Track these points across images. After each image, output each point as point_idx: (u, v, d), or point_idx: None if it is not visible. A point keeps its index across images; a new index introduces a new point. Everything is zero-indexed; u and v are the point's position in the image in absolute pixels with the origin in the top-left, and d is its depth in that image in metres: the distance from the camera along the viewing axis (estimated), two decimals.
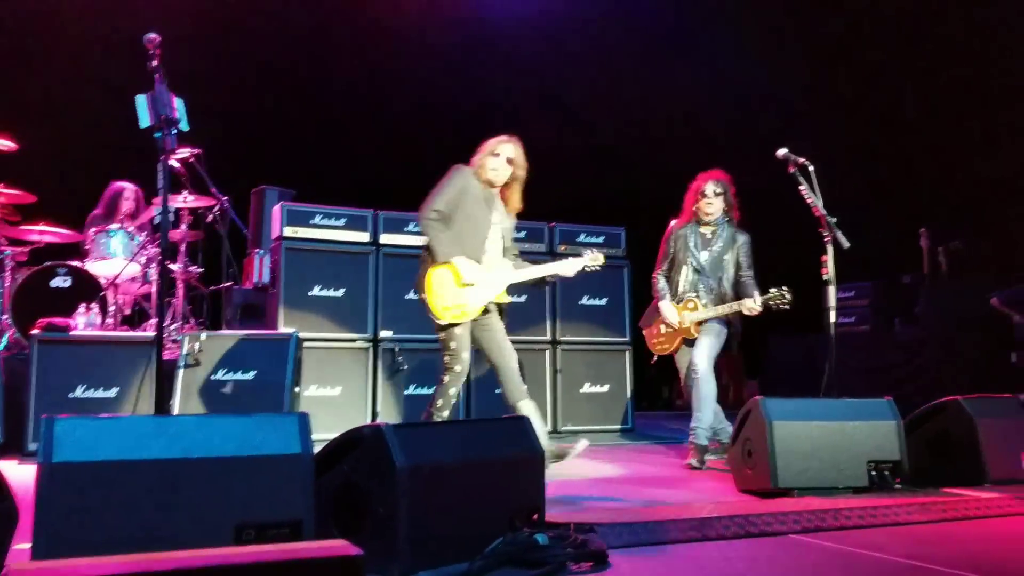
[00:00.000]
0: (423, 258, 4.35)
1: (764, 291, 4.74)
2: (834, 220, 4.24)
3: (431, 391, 6.19)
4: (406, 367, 6.15)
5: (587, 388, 6.68)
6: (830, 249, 4.23)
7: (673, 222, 5.12)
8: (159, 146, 2.77)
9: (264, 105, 8.26)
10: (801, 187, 4.31)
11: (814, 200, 4.29)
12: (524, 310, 6.49)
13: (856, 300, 7.93)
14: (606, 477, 4.53)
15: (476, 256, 4.29)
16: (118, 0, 7.19)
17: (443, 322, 4.24)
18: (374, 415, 6.03)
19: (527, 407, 4.12)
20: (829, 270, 4.23)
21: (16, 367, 5.11)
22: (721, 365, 5.07)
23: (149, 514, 1.93)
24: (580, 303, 6.77)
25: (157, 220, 2.91)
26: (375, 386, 6.08)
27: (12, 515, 2.09)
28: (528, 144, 4.47)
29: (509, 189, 4.47)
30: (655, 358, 5.21)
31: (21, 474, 4.32)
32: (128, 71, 3.44)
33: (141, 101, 3.10)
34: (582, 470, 4.66)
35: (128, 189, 6.66)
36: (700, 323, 4.90)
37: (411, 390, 6.19)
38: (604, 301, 6.82)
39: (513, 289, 4.56)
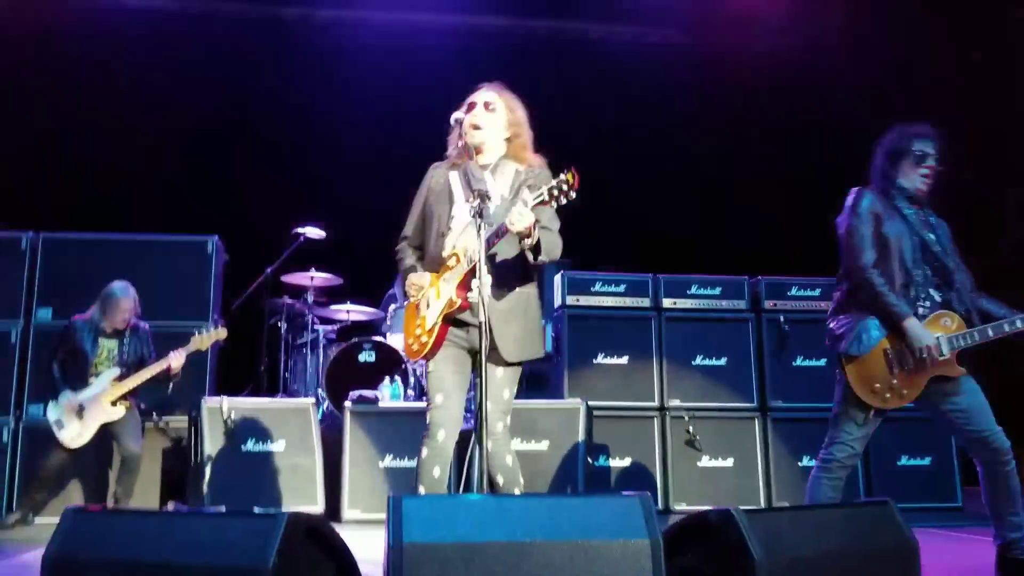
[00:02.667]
0: None
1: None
2: None
3: (726, 463, 5.94)
4: (699, 437, 5.83)
5: (706, 462, 5.88)
6: None
7: (855, 190, 3.54)
8: (476, 219, 2.77)
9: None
10: None
11: None
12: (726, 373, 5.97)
13: None
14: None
15: (436, 262, 3.23)
16: (408, 88, 7.68)
17: (410, 360, 3.50)
18: (666, 491, 5.75)
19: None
20: None
21: (330, 438, 5.42)
22: None
23: None
24: (794, 364, 6.07)
25: (475, 297, 2.88)
26: (665, 457, 5.81)
27: None
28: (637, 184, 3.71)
29: (513, 149, 3.31)
30: (871, 412, 3.41)
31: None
32: (418, 153, 3.52)
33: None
34: None
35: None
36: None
37: (704, 462, 5.84)
38: (824, 362, 6.01)
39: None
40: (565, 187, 2.91)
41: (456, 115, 3.22)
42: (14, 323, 5.57)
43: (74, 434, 5.03)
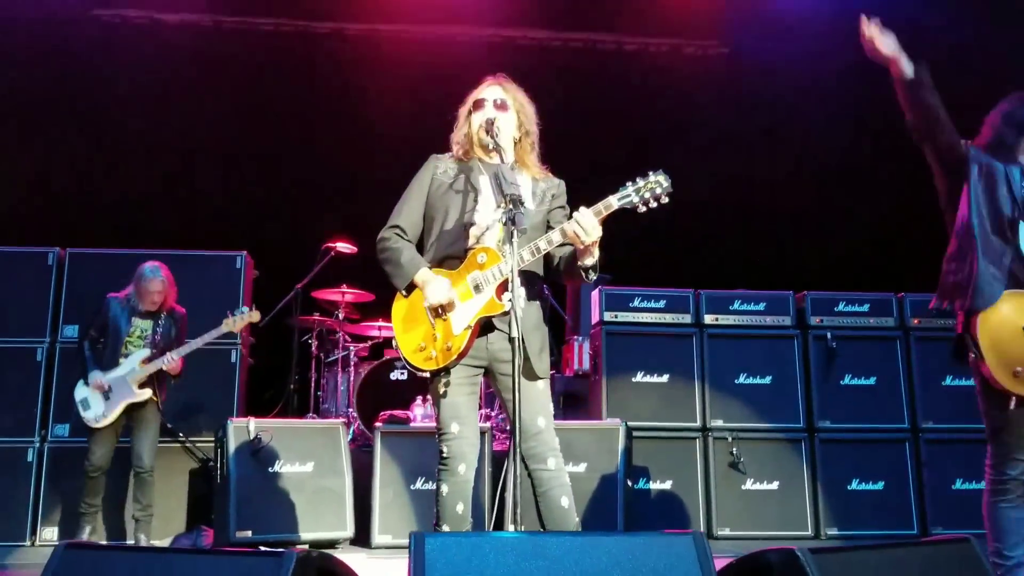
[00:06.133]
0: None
1: None
2: None
3: (772, 486, 5.66)
4: (743, 459, 5.57)
5: (750, 485, 5.59)
6: None
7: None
8: (508, 226, 2.57)
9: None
10: None
11: None
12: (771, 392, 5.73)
13: None
14: None
15: (452, 256, 2.97)
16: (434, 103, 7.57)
17: (420, 369, 2.93)
18: (708, 516, 5.51)
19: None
20: None
21: (361, 459, 5.25)
22: None
23: None
24: (842, 383, 5.78)
25: (508, 306, 2.69)
26: (708, 480, 5.57)
27: None
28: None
29: (519, 151, 3.09)
30: (1013, 402, 3.08)
31: (371, 570, 4.35)
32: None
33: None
34: None
35: None
36: None
37: (749, 485, 5.58)
38: (873, 380, 5.79)
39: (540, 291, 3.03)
40: (659, 190, 2.76)
41: (489, 118, 3.02)
42: (40, 341, 5.49)
43: (98, 414, 4.88)
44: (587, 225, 2.73)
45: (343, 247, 6.53)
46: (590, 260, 2.84)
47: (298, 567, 1.69)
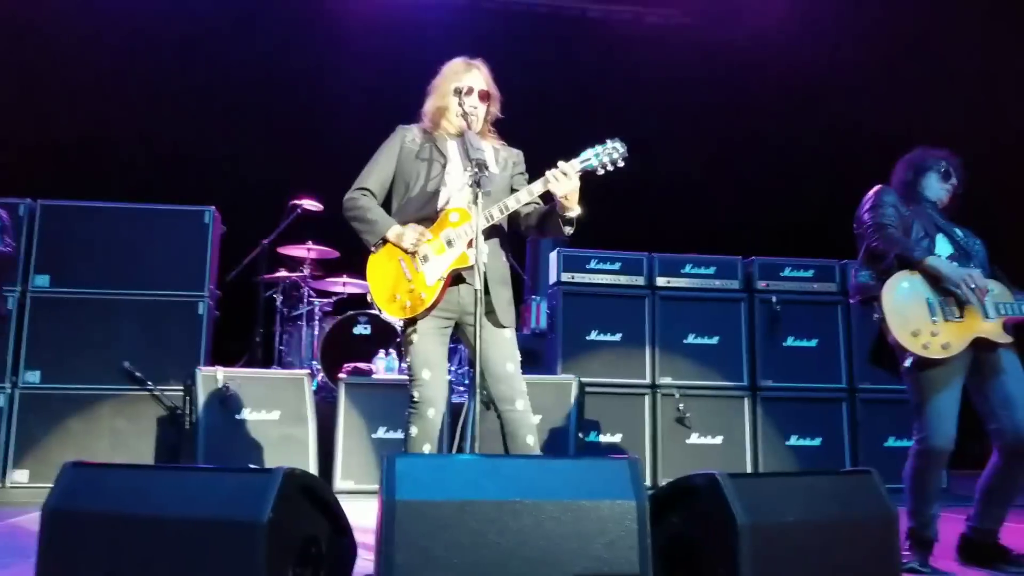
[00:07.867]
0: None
1: None
2: None
3: (715, 440, 6.00)
4: (689, 415, 5.89)
5: (695, 439, 5.94)
6: None
7: (878, 186, 3.67)
8: (474, 188, 2.80)
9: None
10: None
11: None
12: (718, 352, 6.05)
13: None
14: None
15: (424, 218, 3.17)
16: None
17: (389, 316, 3.17)
18: (655, 467, 5.83)
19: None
20: None
21: (325, 409, 5.47)
22: None
23: (485, 556, 1.87)
24: (785, 344, 6.13)
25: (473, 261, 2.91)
26: (655, 433, 5.88)
27: (352, 550, 2.13)
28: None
29: (485, 125, 3.35)
30: (908, 360, 3.31)
31: None
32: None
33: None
34: None
35: None
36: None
37: (694, 439, 5.91)
38: (815, 343, 6.14)
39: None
40: (615, 155, 3.04)
41: (460, 87, 3.24)
42: (11, 290, 5.56)
43: None
44: (567, 170, 3.02)
45: (309, 204, 6.67)
46: (571, 213, 3.09)
47: (284, 481, 1.92)
